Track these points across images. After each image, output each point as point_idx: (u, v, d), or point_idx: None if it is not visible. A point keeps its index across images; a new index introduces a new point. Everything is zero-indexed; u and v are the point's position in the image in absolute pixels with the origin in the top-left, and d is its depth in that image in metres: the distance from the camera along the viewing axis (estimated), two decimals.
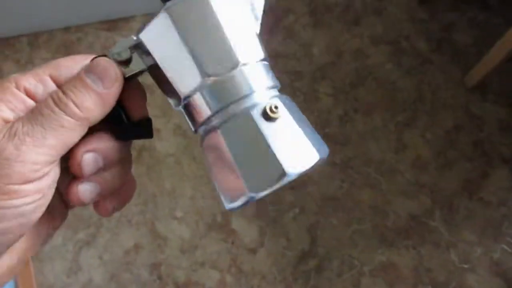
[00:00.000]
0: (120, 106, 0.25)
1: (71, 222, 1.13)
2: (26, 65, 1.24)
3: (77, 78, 0.23)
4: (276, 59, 1.25)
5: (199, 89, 0.24)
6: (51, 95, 0.22)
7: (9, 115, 0.21)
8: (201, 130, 0.25)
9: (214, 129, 0.24)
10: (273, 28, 1.30)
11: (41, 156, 0.20)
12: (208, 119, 0.24)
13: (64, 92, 0.22)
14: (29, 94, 0.22)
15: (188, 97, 0.24)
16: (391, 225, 1.09)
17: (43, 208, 0.21)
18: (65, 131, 0.21)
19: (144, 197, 1.14)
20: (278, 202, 1.12)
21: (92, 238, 1.11)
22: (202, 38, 0.24)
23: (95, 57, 0.24)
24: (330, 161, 1.15)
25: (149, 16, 0.24)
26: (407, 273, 1.03)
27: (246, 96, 0.24)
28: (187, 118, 0.26)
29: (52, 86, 0.23)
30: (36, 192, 0.20)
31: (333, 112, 1.20)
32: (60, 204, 0.26)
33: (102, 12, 1.28)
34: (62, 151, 0.22)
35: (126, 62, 0.24)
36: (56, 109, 0.21)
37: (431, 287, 1.01)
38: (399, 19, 1.29)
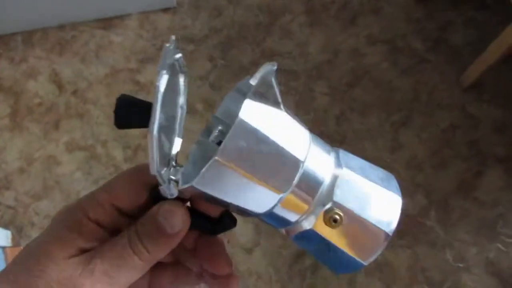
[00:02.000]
0: (199, 213, 0.26)
1: None
2: (20, 63, 1.23)
3: (151, 221, 0.24)
4: (272, 58, 1.25)
5: (279, 202, 0.24)
6: (129, 238, 0.24)
7: (85, 245, 0.24)
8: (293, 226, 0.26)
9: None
10: (269, 27, 1.29)
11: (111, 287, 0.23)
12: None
13: (139, 237, 0.24)
14: (99, 225, 0.24)
15: (266, 212, 0.24)
16: None
17: None
18: (136, 272, 0.24)
19: None
20: None
21: None
22: (263, 163, 0.23)
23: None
24: None
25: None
26: (402, 272, 1.03)
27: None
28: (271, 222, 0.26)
29: (115, 214, 0.25)
30: None
31: (330, 112, 1.20)
32: None
33: (97, 10, 1.27)
34: (126, 286, 0.24)
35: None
36: (132, 253, 0.23)
37: (426, 286, 1.02)
38: (396, 18, 1.29)
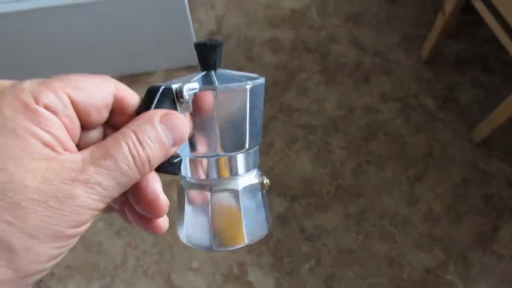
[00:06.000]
0: None
1: (86, 271, 1.13)
2: None
3: (150, 127, 0.23)
4: (290, 114, 1.31)
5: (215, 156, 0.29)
6: (126, 142, 0.21)
7: (49, 139, 0.20)
8: (189, 179, 0.30)
9: (204, 189, 0.30)
10: (287, 84, 1.37)
11: (103, 204, 0.21)
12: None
13: (140, 143, 0.22)
14: (50, 111, 0.21)
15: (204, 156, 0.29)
16: (406, 278, 1.09)
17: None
18: (130, 184, 0.22)
19: (160, 247, 1.14)
20: (294, 253, 1.13)
21: None
22: (232, 125, 0.28)
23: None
24: (344, 213, 1.17)
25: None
26: None
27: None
28: (188, 165, 0.30)
29: (71, 109, 0.21)
30: (80, 233, 0.21)
31: (346, 165, 1.24)
32: None
33: (124, 67, 1.35)
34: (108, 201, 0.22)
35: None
36: (134, 166, 0.21)
37: None
38: (406, 78, 1.37)
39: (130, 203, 0.25)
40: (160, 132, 0.23)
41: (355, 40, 1.44)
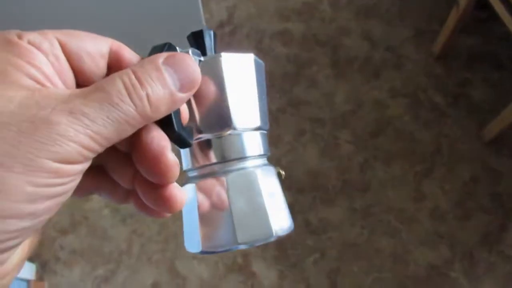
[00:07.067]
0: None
1: (91, 257, 1.14)
2: None
3: (152, 67, 0.20)
4: (298, 106, 1.30)
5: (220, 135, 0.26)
6: (122, 78, 0.19)
7: (34, 73, 0.18)
8: (196, 171, 0.27)
9: (216, 175, 0.26)
10: (296, 76, 1.36)
11: (93, 143, 0.18)
12: (212, 164, 0.26)
13: (139, 80, 0.19)
14: (34, 47, 0.19)
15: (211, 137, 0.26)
16: (411, 274, 1.09)
17: (71, 191, 0.19)
18: (127, 127, 0.19)
19: (165, 235, 1.15)
20: (298, 246, 1.12)
21: (111, 274, 1.11)
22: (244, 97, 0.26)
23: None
24: (350, 208, 1.17)
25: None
26: None
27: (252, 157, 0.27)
28: (188, 153, 0.27)
29: (59, 49, 0.20)
30: (75, 174, 0.18)
31: (353, 159, 1.23)
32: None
33: None
34: (112, 144, 0.19)
35: None
36: (128, 100, 0.19)
37: None
38: (417, 74, 1.35)
39: (140, 178, 0.22)
40: (163, 72, 0.20)
41: (366, 33, 1.42)
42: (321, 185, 1.20)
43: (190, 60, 0.21)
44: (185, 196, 0.23)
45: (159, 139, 0.21)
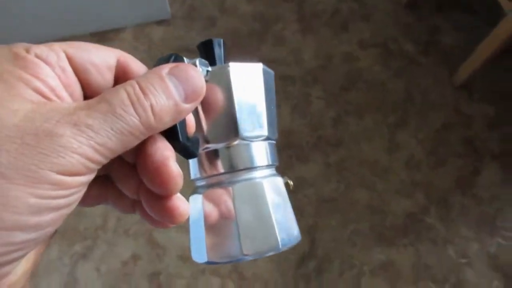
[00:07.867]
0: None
1: (66, 234, 1.12)
2: None
3: (156, 77, 0.20)
4: (267, 65, 1.27)
5: (228, 144, 0.26)
6: (125, 89, 0.19)
7: (39, 86, 0.19)
8: (204, 180, 0.27)
9: (223, 185, 0.26)
10: (262, 34, 1.32)
11: (97, 155, 0.18)
12: (220, 174, 0.26)
13: (143, 90, 0.19)
14: (41, 60, 0.19)
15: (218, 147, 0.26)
16: (388, 224, 1.10)
17: (77, 203, 0.20)
18: (131, 138, 0.19)
19: None
20: None
21: (89, 250, 1.10)
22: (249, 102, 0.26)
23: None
24: (325, 163, 1.16)
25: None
26: (406, 271, 1.04)
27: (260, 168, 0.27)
28: (196, 163, 0.27)
29: (66, 62, 0.20)
30: (79, 186, 0.18)
31: (326, 115, 1.22)
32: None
33: (92, 24, 1.29)
34: (116, 155, 0.19)
35: None
36: (132, 111, 0.19)
37: (431, 283, 1.02)
38: (386, 24, 1.32)
39: (144, 188, 0.22)
40: (167, 82, 0.20)
41: None
42: (295, 143, 1.18)
43: (195, 71, 0.21)
44: (188, 207, 0.23)
45: (163, 149, 0.21)
